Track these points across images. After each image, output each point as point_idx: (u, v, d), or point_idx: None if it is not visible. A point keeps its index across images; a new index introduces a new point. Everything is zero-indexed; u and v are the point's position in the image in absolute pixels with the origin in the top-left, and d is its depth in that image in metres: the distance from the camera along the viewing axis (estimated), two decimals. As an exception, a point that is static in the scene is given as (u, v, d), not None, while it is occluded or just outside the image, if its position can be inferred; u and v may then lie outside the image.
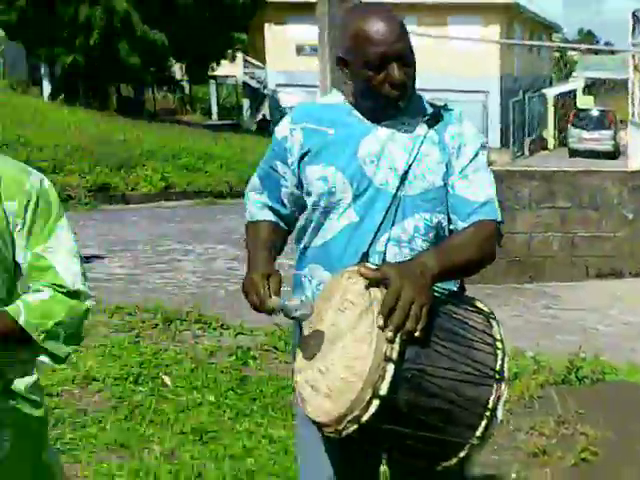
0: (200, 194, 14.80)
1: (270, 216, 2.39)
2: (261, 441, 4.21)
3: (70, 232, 2.02)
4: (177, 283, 7.97)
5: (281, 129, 2.34)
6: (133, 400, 4.66)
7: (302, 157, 2.27)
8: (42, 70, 24.87)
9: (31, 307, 1.91)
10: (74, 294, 1.98)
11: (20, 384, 2.02)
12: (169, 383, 4.95)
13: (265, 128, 30.18)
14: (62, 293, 1.96)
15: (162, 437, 4.19)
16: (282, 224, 2.39)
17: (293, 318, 2.04)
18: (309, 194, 2.28)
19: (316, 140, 2.26)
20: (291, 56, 33.19)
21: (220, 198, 14.86)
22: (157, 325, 6.21)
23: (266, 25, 32.38)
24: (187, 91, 34.55)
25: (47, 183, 2.01)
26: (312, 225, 2.30)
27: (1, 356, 1.96)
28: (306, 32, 32.82)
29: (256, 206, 2.40)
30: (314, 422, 1.96)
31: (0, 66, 25.31)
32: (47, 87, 24.69)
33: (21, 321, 1.88)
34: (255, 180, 2.43)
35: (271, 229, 2.37)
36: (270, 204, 2.38)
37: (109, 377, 4.95)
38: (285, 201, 2.36)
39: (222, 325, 6.34)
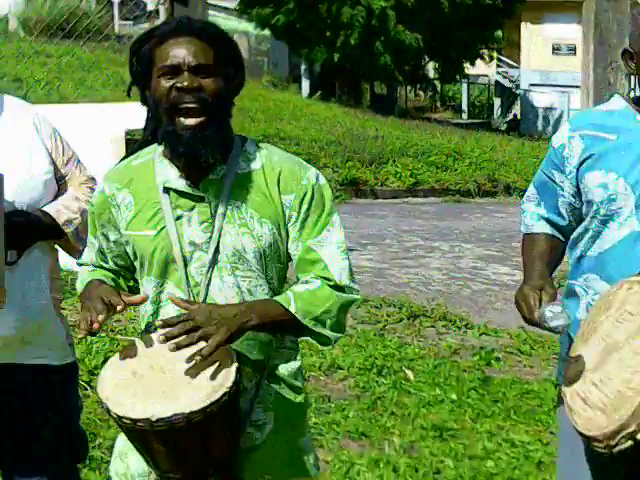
0: (448, 192, 14.72)
1: (547, 228, 2.34)
2: (502, 444, 4.14)
3: (341, 228, 2.07)
4: (422, 279, 7.98)
5: (559, 137, 2.29)
6: (376, 391, 4.74)
7: (581, 164, 2.21)
8: (302, 68, 25.97)
9: (301, 296, 1.97)
10: (341, 288, 2.02)
11: (284, 369, 2.09)
12: (412, 377, 4.98)
13: (515, 128, 29.60)
14: (329, 286, 2.01)
15: (402, 430, 4.22)
16: (559, 236, 2.34)
17: (548, 329, 1.97)
18: (588, 202, 2.21)
19: (596, 147, 2.19)
20: (546, 55, 32.33)
21: (468, 197, 14.71)
22: (402, 319, 6.26)
23: (522, 24, 31.73)
24: (438, 89, 34.62)
25: (322, 179, 2.08)
26: (589, 234, 2.23)
27: (270, 343, 2.05)
28: (563, 31, 31.88)
29: (533, 218, 2.37)
30: (583, 436, 1.89)
31: (265, 64, 26.67)
32: (305, 84, 25.76)
33: (292, 309, 1.94)
34: (531, 190, 2.40)
35: (548, 241, 2.32)
36: (547, 216, 2.34)
37: (353, 367, 5.06)
38: (562, 211, 2.31)
39: (466, 324, 6.28)
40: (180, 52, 1.93)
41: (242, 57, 2.09)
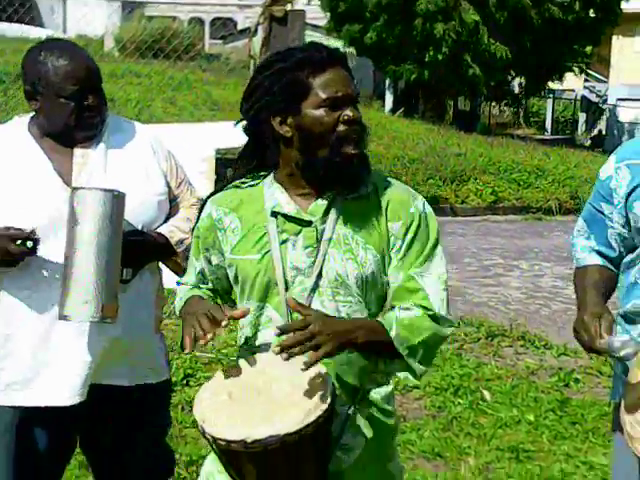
0: (529, 209, 14.56)
1: (598, 260, 2.36)
2: (579, 466, 4.14)
3: (443, 259, 2.10)
4: (501, 298, 7.97)
5: (605, 169, 2.31)
6: (452, 411, 4.78)
7: (629, 194, 2.23)
8: (386, 85, 25.99)
9: (402, 322, 1.99)
10: (437, 318, 2.03)
11: (376, 394, 2.11)
12: (488, 398, 5.01)
13: (600, 144, 28.98)
14: (427, 315, 2.03)
15: (478, 451, 4.25)
16: (610, 267, 2.36)
17: (617, 358, 2.02)
18: (639, 231, 2.23)
19: None
20: (637, 69, 31.59)
21: (549, 214, 14.52)
22: (480, 339, 6.29)
23: (614, 37, 31.04)
24: (523, 105, 34.17)
25: (429, 208, 2.11)
26: None
27: (364, 368, 2.07)
28: (656, 43, 31.14)
29: (583, 251, 2.39)
30: None
31: (350, 82, 26.78)
32: (389, 101, 25.75)
33: (392, 334, 1.98)
34: (581, 223, 2.42)
35: (600, 272, 2.34)
36: (597, 248, 2.36)
37: (430, 386, 5.10)
38: (612, 243, 2.33)
39: (545, 344, 6.27)
40: (342, 82, 1.98)
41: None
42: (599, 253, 2.37)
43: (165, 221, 2.58)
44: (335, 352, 1.89)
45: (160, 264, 2.64)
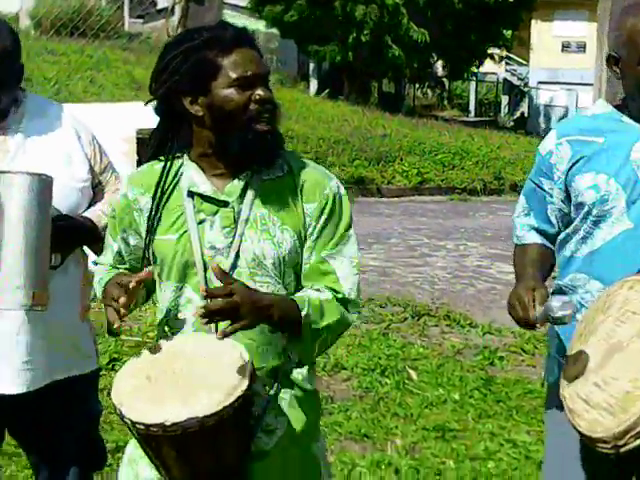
0: (454, 190, 14.76)
1: (537, 238, 2.37)
2: (503, 445, 4.17)
3: (355, 242, 2.09)
4: (427, 278, 8.02)
5: (546, 145, 2.32)
6: (379, 391, 4.78)
7: (570, 169, 2.24)
8: (310, 67, 25.96)
9: (314, 303, 1.98)
10: (347, 302, 2.04)
11: (297, 374, 2.08)
12: (415, 377, 5.02)
13: (522, 126, 29.53)
14: (337, 298, 2.02)
15: (405, 431, 4.25)
16: (549, 244, 2.37)
17: (555, 321, 1.97)
18: (578, 205, 2.24)
19: (585, 150, 2.22)
20: (556, 53, 32.24)
21: (474, 195, 14.74)
22: (406, 319, 6.32)
23: (533, 22, 31.61)
24: (447, 87, 34.56)
25: (343, 190, 2.09)
26: (579, 235, 2.25)
27: (284, 349, 2.04)
28: (573, 28, 31.77)
29: (523, 229, 2.39)
30: (586, 437, 1.88)
31: (273, 62, 26.71)
32: (314, 83, 25.74)
33: (303, 314, 1.95)
34: (521, 199, 2.42)
35: (539, 250, 2.35)
36: (537, 225, 2.36)
37: (357, 367, 5.10)
38: (552, 219, 2.34)
39: (470, 323, 6.33)
40: (252, 62, 1.96)
41: None
42: (538, 231, 2.37)
43: (89, 207, 2.51)
44: (253, 325, 1.88)
45: (86, 249, 2.57)
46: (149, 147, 2.12)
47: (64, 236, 2.34)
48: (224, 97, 1.95)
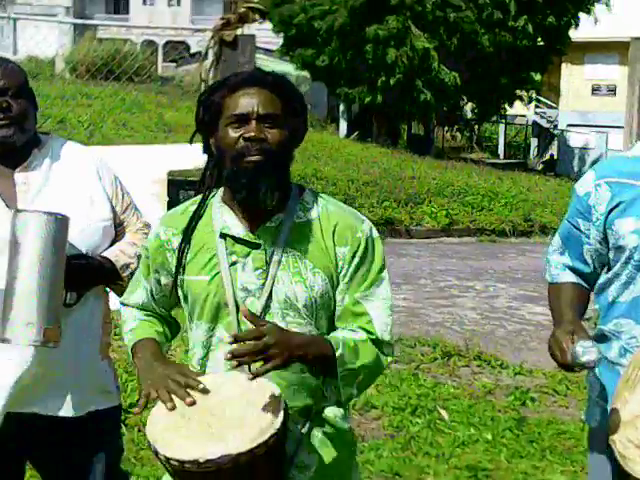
0: (483, 232, 14.73)
1: (572, 277, 2.37)
2: (537, 485, 4.13)
3: (389, 284, 2.09)
4: (457, 319, 8.00)
5: (584, 185, 2.31)
6: (410, 430, 4.74)
7: (610, 212, 2.23)
8: (340, 109, 26.18)
9: (348, 344, 1.98)
10: (380, 343, 2.04)
11: (331, 412, 2.08)
12: (446, 417, 4.98)
13: (552, 168, 29.50)
14: (371, 340, 2.03)
15: (436, 470, 4.22)
16: (583, 284, 2.36)
17: (580, 366, 1.99)
18: (618, 248, 2.23)
19: (624, 194, 2.22)
20: (585, 96, 32.26)
21: (503, 237, 14.71)
22: (436, 359, 6.28)
23: (563, 65, 31.68)
24: (475, 130, 34.64)
25: (375, 233, 2.10)
26: (621, 279, 2.24)
27: (318, 387, 2.04)
28: (603, 71, 31.80)
29: (557, 268, 2.39)
30: None
31: (305, 106, 27.01)
32: (343, 125, 25.94)
33: (337, 354, 1.95)
34: (556, 239, 2.42)
35: (574, 290, 2.34)
36: (572, 264, 2.36)
37: (387, 406, 5.07)
38: (587, 259, 2.33)
39: (501, 364, 6.29)
40: (250, 102, 1.97)
41: (307, 110, 2.13)
42: (573, 270, 2.37)
43: (110, 246, 2.53)
44: (285, 365, 1.89)
45: (107, 288, 2.58)
46: (197, 187, 2.15)
47: (80, 275, 2.36)
48: (221, 136, 2.00)
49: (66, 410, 2.45)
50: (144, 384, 2.00)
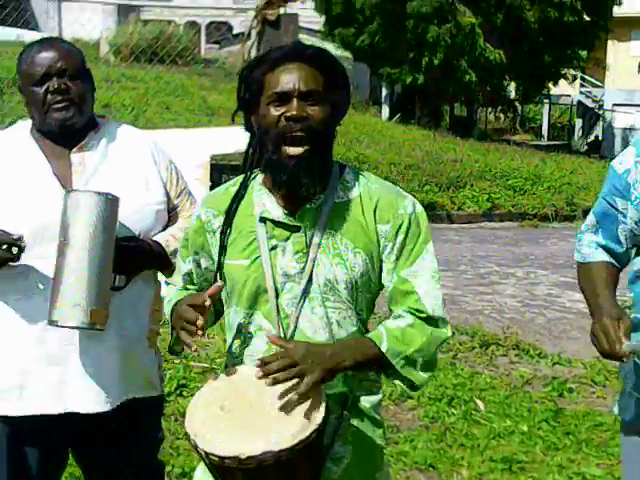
0: (525, 216, 14.60)
1: (604, 256, 2.30)
2: (572, 477, 4.13)
3: (434, 257, 2.06)
4: (496, 307, 7.97)
5: (623, 162, 2.24)
6: (446, 421, 4.76)
7: None
8: (383, 91, 26.03)
9: (393, 334, 1.96)
10: (432, 320, 2.01)
11: (365, 402, 2.08)
12: (482, 408, 4.99)
13: (596, 150, 29.06)
14: (421, 318, 2.00)
15: (471, 462, 4.23)
16: (615, 263, 2.30)
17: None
18: None
19: None
20: (632, 74, 31.68)
21: (545, 221, 14.56)
22: (474, 348, 6.28)
23: (609, 42, 31.10)
24: (519, 111, 34.22)
25: (419, 207, 2.07)
26: None
27: (354, 376, 2.04)
28: (651, 48, 31.21)
29: (590, 247, 2.32)
30: None
31: (348, 87, 26.88)
32: (385, 107, 25.81)
33: (383, 348, 1.94)
34: (591, 218, 2.35)
35: (607, 269, 2.28)
36: (604, 243, 2.30)
37: (424, 396, 5.07)
38: (621, 238, 2.27)
39: (539, 353, 6.26)
40: (291, 78, 1.93)
41: (349, 83, 2.08)
42: (605, 249, 2.30)
43: (162, 231, 2.54)
44: (327, 379, 1.88)
45: (159, 276, 2.60)
46: (241, 169, 2.13)
47: (129, 258, 2.37)
48: (262, 114, 1.97)
49: (105, 404, 2.46)
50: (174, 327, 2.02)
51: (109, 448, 2.58)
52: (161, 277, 2.58)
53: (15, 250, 2.29)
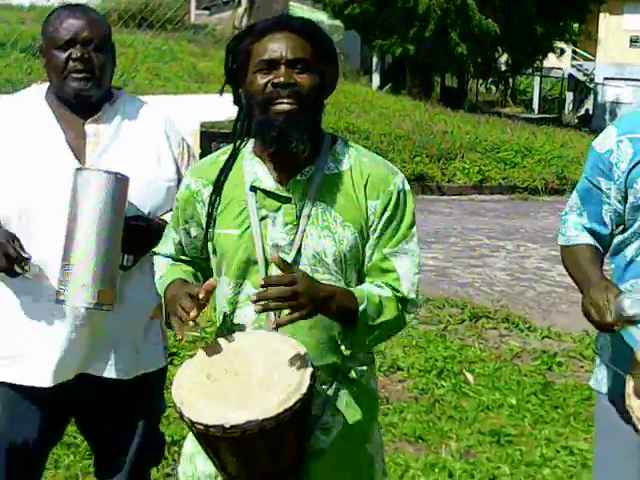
0: (515, 189, 14.60)
1: (589, 239, 2.29)
2: (560, 451, 4.14)
3: (417, 241, 2.06)
4: (486, 280, 7.98)
5: (605, 142, 2.23)
6: (435, 393, 4.77)
7: (632, 169, 2.16)
8: (373, 60, 25.89)
9: (372, 300, 1.96)
10: (405, 302, 2.02)
11: (357, 372, 2.08)
12: (471, 380, 5.01)
13: (587, 123, 29.08)
14: (395, 297, 2.01)
15: (460, 434, 4.25)
16: (599, 246, 2.29)
17: (628, 320, 1.92)
18: (637, 207, 2.17)
19: None
20: (624, 48, 31.63)
21: (535, 194, 14.57)
22: (464, 321, 6.29)
23: (601, 15, 30.99)
24: (510, 82, 34.15)
25: (407, 186, 2.06)
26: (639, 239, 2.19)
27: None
28: (643, 22, 31.14)
29: (575, 229, 2.31)
30: None
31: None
32: (376, 77, 25.70)
33: (361, 308, 1.94)
34: (574, 199, 2.34)
35: (592, 251, 2.27)
36: (589, 226, 2.29)
37: (413, 368, 5.10)
38: (606, 219, 2.27)
39: (529, 327, 6.28)
40: (278, 46, 1.92)
41: (337, 56, 2.07)
42: (591, 232, 2.29)
43: (172, 210, 2.51)
44: (310, 316, 1.86)
45: None
46: (230, 138, 2.11)
47: (137, 237, 2.35)
48: (250, 82, 1.96)
49: (117, 372, 2.49)
50: (169, 311, 2.00)
51: (115, 417, 2.59)
52: None
53: (18, 269, 2.28)
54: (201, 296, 1.91)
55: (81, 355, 2.44)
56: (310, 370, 1.86)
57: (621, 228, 2.28)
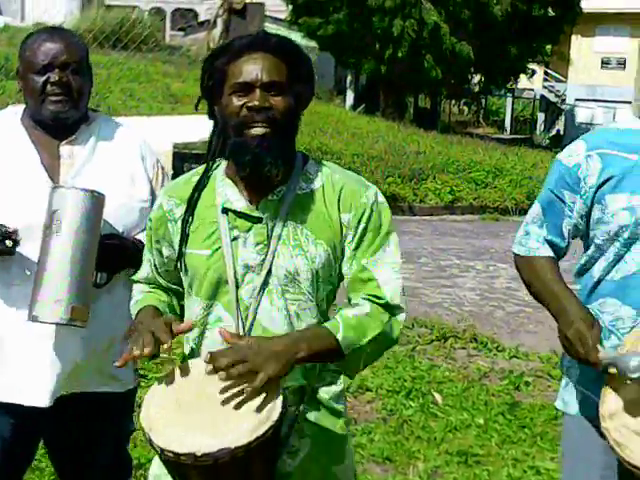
0: (486, 209, 14.71)
1: (549, 252, 2.30)
2: (527, 471, 4.16)
3: (397, 248, 2.06)
4: (456, 299, 8.02)
5: (573, 156, 2.22)
6: (403, 414, 4.78)
7: (600, 185, 2.16)
8: (347, 80, 26.05)
9: (349, 324, 1.95)
10: (390, 307, 2.01)
11: (324, 393, 2.07)
12: (440, 401, 5.03)
13: (558, 144, 29.41)
14: (379, 304, 2.00)
15: (427, 455, 4.26)
16: (556, 259, 2.31)
17: (628, 379, 1.93)
18: (605, 223, 2.17)
19: (616, 167, 2.15)
20: (595, 69, 32.03)
21: (505, 214, 14.69)
22: (433, 341, 6.32)
23: (573, 37, 31.34)
24: (482, 103, 34.44)
25: (382, 198, 2.06)
26: (607, 257, 2.19)
27: (314, 367, 2.03)
28: (614, 44, 31.52)
29: (538, 241, 2.30)
30: (633, 467, 1.90)
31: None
32: (350, 97, 25.83)
33: (339, 337, 1.92)
34: (536, 210, 2.33)
35: (554, 266, 2.28)
36: (549, 238, 2.29)
37: (382, 388, 5.10)
38: (565, 232, 2.28)
39: (497, 347, 6.31)
40: (254, 69, 1.91)
41: (314, 74, 2.07)
42: (550, 243, 2.30)
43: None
44: (283, 372, 1.84)
45: None
46: (204, 156, 2.11)
47: (111, 255, 2.36)
48: (225, 104, 1.95)
49: (87, 388, 2.49)
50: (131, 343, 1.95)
51: (81, 436, 2.58)
52: None
53: (9, 243, 2.28)
54: (165, 346, 1.89)
55: (53, 373, 2.43)
56: (281, 397, 1.84)
57: (585, 247, 2.29)
